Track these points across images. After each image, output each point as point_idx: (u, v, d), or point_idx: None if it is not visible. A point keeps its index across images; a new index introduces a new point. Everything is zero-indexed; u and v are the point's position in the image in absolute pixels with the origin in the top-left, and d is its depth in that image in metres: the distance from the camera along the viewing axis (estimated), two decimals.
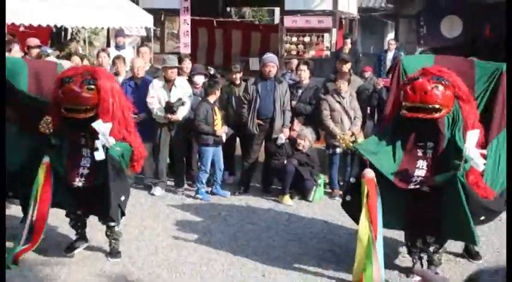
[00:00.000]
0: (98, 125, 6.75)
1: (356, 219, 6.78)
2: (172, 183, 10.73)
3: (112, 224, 7.40)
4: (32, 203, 7.17)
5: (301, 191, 10.19)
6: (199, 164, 10.55)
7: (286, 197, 9.86)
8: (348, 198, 7.07)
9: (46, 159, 7.04)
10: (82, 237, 7.70)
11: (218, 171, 10.40)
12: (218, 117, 10.17)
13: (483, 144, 6.53)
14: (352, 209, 6.94)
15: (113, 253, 7.53)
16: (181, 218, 9.22)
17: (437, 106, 6.44)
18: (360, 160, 7.08)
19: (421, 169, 6.71)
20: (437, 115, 6.47)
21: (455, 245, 7.71)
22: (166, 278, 7.12)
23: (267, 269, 7.36)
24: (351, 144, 7.17)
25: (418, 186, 6.51)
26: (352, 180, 7.15)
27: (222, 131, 10.24)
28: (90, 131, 6.89)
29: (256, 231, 8.73)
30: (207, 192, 10.34)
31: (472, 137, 6.18)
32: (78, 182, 7.11)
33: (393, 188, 6.61)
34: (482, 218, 6.66)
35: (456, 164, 6.21)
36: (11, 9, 11.29)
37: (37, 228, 7.20)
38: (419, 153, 6.75)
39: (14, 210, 8.57)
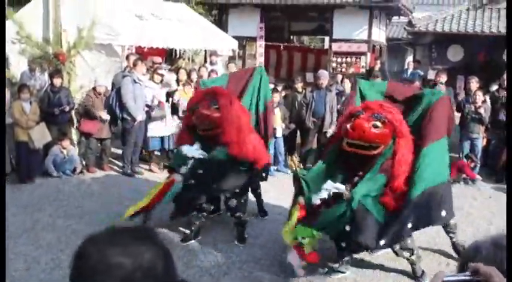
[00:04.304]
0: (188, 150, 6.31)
1: None
2: None
3: (237, 214, 6.62)
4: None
5: None
6: None
7: None
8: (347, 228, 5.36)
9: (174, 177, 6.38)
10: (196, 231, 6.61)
11: (279, 154, 10.33)
12: (276, 116, 9.82)
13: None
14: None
15: (240, 239, 6.65)
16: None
17: (374, 145, 5.31)
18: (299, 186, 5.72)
19: None
20: (375, 152, 5.34)
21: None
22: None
23: None
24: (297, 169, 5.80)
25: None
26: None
27: (278, 125, 9.88)
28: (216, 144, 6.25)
29: None
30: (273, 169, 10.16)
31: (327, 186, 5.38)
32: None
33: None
34: (410, 226, 5.23)
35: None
36: (139, 35, 11.38)
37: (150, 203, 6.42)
38: (355, 181, 5.48)
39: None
